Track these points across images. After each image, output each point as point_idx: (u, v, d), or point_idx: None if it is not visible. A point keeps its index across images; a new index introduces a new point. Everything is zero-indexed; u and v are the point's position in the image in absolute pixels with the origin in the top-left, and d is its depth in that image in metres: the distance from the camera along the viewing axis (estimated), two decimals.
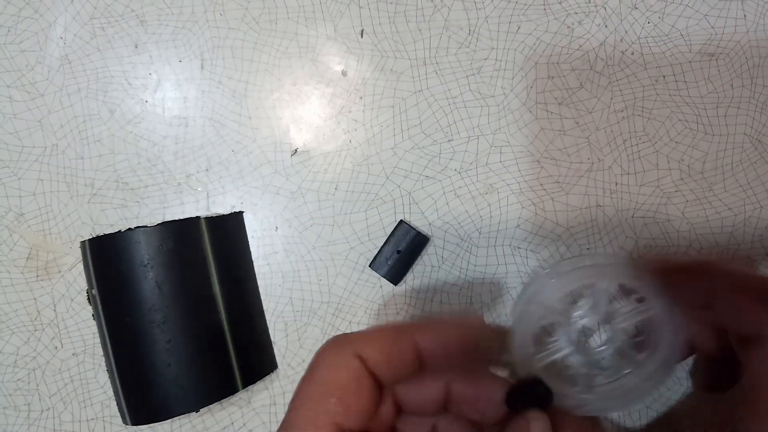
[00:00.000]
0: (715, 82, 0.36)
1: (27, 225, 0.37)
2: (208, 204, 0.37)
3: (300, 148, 0.37)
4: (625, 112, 0.36)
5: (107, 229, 0.37)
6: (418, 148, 0.36)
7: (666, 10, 0.36)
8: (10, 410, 0.37)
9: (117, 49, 0.37)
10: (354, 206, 0.37)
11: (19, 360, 0.37)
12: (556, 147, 0.36)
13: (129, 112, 0.37)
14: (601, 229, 0.36)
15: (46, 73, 0.37)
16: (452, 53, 0.36)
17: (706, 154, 0.36)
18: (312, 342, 0.37)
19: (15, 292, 0.37)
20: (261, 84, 0.37)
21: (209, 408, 0.36)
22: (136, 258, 0.33)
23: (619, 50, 0.36)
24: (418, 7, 0.36)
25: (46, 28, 0.37)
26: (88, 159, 0.37)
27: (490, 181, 0.36)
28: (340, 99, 0.37)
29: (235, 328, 0.35)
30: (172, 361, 0.33)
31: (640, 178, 0.36)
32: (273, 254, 0.37)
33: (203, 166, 0.37)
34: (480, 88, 0.36)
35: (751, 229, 0.36)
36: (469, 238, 0.36)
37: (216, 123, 0.37)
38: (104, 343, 0.34)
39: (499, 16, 0.36)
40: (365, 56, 0.36)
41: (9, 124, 0.37)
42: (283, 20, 0.37)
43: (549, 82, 0.36)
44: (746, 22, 0.36)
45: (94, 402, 0.37)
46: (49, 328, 0.37)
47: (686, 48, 0.36)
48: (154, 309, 0.33)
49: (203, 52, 0.37)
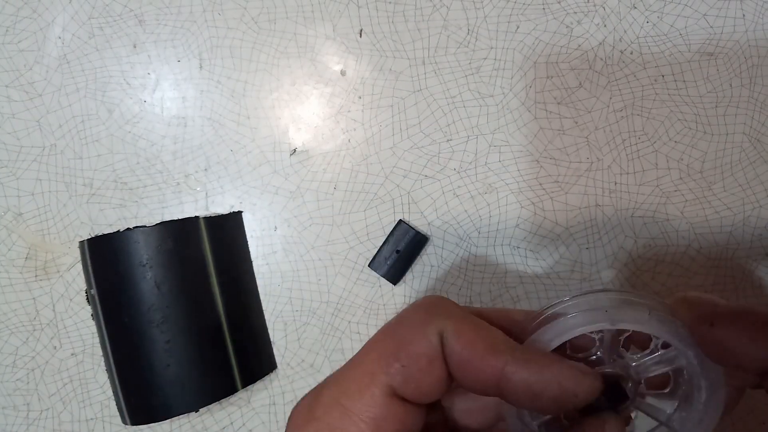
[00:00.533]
0: (714, 82, 0.36)
1: (26, 225, 0.37)
2: (206, 204, 0.37)
3: (299, 148, 0.37)
4: (624, 112, 0.36)
5: (106, 229, 0.37)
6: (417, 147, 0.36)
7: (665, 9, 0.36)
8: (9, 410, 0.37)
9: (115, 49, 0.37)
10: (353, 206, 0.37)
11: (18, 360, 0.37)
12: (555, 146, 0.36)
13: (128, 111, 0.37)
14: (600, 229, 0.36)
15: (44, 72, 0.37)
16: (451, 53, 0.36)
17: (705, 153, 0.36)
18: (311, 342, 0.37)
19: (14, 292, 0.37)
20: (260, 84, 0.37)
21: (208, 408, 0.36)
22: (135, 258, 0.33)
23: (618, 50, 0.36)
24: (416, 7, 0.36)
25: (44, 27, 0.37)
26: (86, 159, 0.37)
27: (489, 181, 0.36)
28: (339, 99, 0.37)
29: (234, 328, 0.35)
30: (171, 361, 0.33)
31: (640, 177, 0.36)
32: (272, 254, 0.37)
33: (202, 166, 0.37)
34: (479, 88, 0.36)
35: (750, 228, 0.36)
36: (468, 237, 0.36)
37: (215, 123, 0.37)
38: (103, 343, 0.34)
39: (498, 15, 0.36)
40: (364, 56, 0.36)
41: (7, 124, 0.37)
42: (282, 20, 0.37)
43: (548, 81, 0.36)
44: (745, 22, 0.35)
45: (93, 402, 0.37)
46: (48, 328, 0.37)
47: (685, 47, 0.36)
48: (153, 309, 0.33)
49: (202, 52, 0.37)
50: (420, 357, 0.19)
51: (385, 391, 0.18)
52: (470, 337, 0.19)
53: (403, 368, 0.18)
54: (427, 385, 0.19)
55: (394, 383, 0.18)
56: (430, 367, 0.19)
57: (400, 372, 0.18)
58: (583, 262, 0.36)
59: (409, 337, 0.19)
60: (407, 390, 0.19)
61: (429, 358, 0.19)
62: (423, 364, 0.19)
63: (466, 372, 0.19)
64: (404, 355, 0.19)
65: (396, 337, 0.19)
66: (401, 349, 0.19)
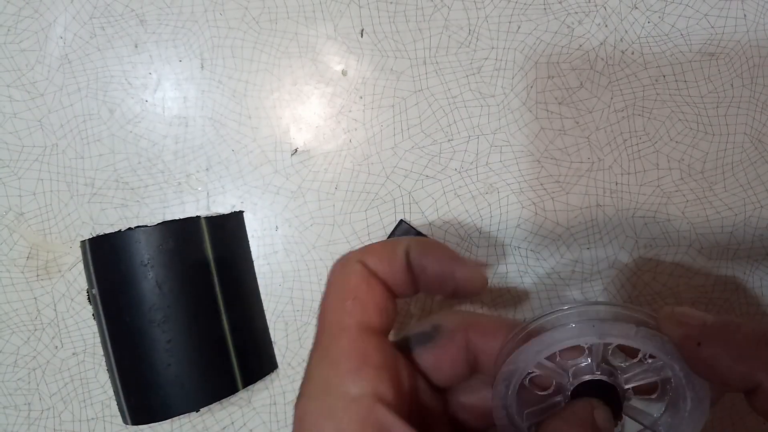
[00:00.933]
0: (715, 82, 0.36)
1: (27, 224, 0.37)
2: (208, 203, 0.37)
3: (300, 148, 0.37)
4: (625, 112, 0.36)
5: (107, 229, 0.37)
6: (418, 147, 0.36)
7: (666, 9, 0.36)
8: (10, 410, 0.37)
9: (117, 49, 0.37)
10: (354, 206, 0.37)
11: (19, 359, 0.37)
12: (556, 146, 0.36)
13: (129, 111, 0.37)
14: (601, 229, 0.36)
15: (46, 72, 0.37)
16: (452, 53, 0.36)
17: (706, 153, 0.36)
18: (312, 342, 0.37)
19: (15, 292, 0.37)
20: (261, 83, 0.37)
21: (209, 408, 0.36)
22: (136, 258, 0.33)
23: (619, 50, 0.36)
24: (418, 7, 0.36)
25: (45, 27, 0.37)
26: (88, 158, 0.37)
27: (491, 181, 0.36)
28: (340, 98, 0.37)
29: (235, 328, 0.35)
30: (172, 361, 0.33)
31: (641, 177, 0.36)
32: (273, 254, 0.37)
33: (203, 166, 0.37)
34: (480, 88, 0.36)
35: (752, 228, 0.36)
36: (469, 237, 0.36)
37: (216, 122, 0.37)
38: (104, 343, 0.34)
39: (499, 15, 0.36)
40: (365, 56, 0.36)
41: (9, 124, 0.37)
42: (283, 20, 0.37)
43: (549, 81, 0.36)
44: (746, 22, 0.35)
45: (94, 402, 0.37)
46: (49, 328, 0.37)
47: (686, 48, 0.36)
48: (154, 309, 0.33)
49: (203, 52, 0.37)
50: (359, 283, 0.22)
51: (355, 329, 0.21)
52: (380, 252, 0.23)
53: (354, 300, 0.21)
54: (380, 298, 0.22)
55: (358, 317, 0.21)
56: (370, 287, 0.22)
57: (354, 304, 0.21)
58: (584, 262, 0.36)
59: (342, 280, 0.22)
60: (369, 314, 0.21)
61: (365, 280, 0.22)
62: (364, 286, 0.22)
63: (385, 270, 0.22)
64: (347, 292, 0.22)
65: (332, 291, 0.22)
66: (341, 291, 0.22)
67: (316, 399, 0.19)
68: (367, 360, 0.20)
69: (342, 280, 0.22)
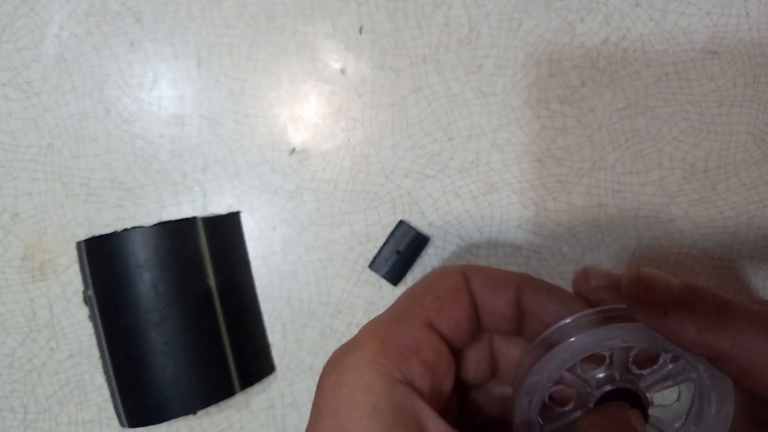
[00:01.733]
0: (717, 80, 0.35)
1: (22, 225, 0.37)
2: (204, 204, 0.36)
3: (298, 147, 0.36)
4: (627, 111, 0.36)
5: (103, 229, 0.36)
6: (417, 147, 0.36)
7: (668, 7, 0.35)
8: (6, 412, 0.37)
9: (113, 47, 0.36)
10: (353, 206, 0.36)
11: (15, 361, 0.37)
12: (557, 146, 0.36)
13: (125, 110, 0.37)
14: (603, 229, 0.36)
15: (41, 71, 0.36)
16: (452, 51, 0.36)
17: (709, 152, 0.35)
18: (310, 343, 0.36)
19: (10, 293, 0.37)
20: (258, 82, 0.36)
21: (206, 410, 0.36)
22: (132, 259, 0.32)
23: (621, 48, 0.35)
24: (417, 4, 0.36)
25: (41, 26, 0.36)
26: (83, 158, 0.36)
27: (491, 181, 0.36)
28: (338, 97, 0.36)
29: (233, 330, 0.34)
30: (168, 363, 0.33)
31: (643, 177, 0.35)
32: (271, 254, 0.36)
33: (200, 166, 0.36)
34: (481, 86, 0.36)
35: (755, 228, 0.35)
36: (469, 238, 0.36)
37: (213, 122, 0.36)
38: (100, 345, 0.34)
39: (500, 13, 0.36)
40: (364, 54, 0.36)
41: (4, 123, 0.37)
42: (281, 17, 0.36)
43: (550, 80, 0.36)
44: (749, 20, 0.35)
45: (90, 404, 0.37)
46: (45, 330, 0.37)
47: (689, 46, 0.35)
48: (150, 310, 0.32)
49: (200, 50, 0.36)
50: (448, 289, 0.21)
51: (422, 321, 0.20)
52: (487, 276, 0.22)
53: (435, 299, 0.21)
54: (458, 315, 0.21)
55: (431, 314, 0.20)
56: (458, 298, 0.21)
57: (433, 301, 0.21)
58: (586, 262, 0.36)
59: (435, 279, 0.22)
60: (442, 320, 0.21)
61: (456, 289, 0.21)
62: (452, 294, 0.21)
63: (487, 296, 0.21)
64: (433, 289, 0.21)
65: (421, 283, 0.22)
66: (429, 287, 0.21)
67: (356, 371, 0.19)
68: (419, 353, 0.20)
69: (435, 280, 0.22)
